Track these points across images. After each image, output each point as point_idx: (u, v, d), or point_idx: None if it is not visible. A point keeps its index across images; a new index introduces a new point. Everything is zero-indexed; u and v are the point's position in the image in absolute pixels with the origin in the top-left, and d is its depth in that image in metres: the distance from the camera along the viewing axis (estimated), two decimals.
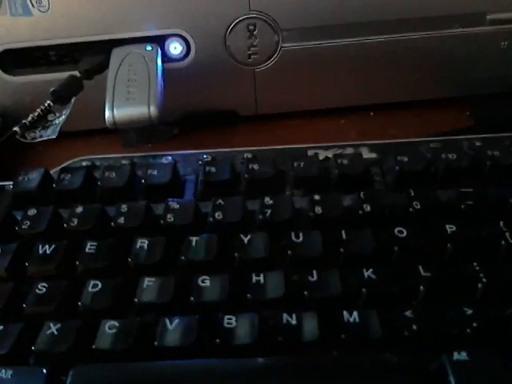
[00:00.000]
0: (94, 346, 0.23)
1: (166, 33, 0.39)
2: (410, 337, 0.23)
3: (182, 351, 0.23)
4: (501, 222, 0.27)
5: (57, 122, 0.34)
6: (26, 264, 0.27)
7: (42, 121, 0.34)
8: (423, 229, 0.27)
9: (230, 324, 0.23)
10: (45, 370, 0.22)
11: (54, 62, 0.39)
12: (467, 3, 0.40)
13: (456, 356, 0.22)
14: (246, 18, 0.39)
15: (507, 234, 0.26)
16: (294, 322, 0.23)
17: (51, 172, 0.32)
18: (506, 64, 0.42)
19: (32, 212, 0.29)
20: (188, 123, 0.42)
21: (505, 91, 0.43)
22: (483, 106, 0.43)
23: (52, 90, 0.35)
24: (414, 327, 0.23)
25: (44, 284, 0.26)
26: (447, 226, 0.27)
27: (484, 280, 0.24)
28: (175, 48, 0.39)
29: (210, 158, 0.33)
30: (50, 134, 0.33)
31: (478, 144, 0.32)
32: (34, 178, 0.31)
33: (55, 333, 0.24)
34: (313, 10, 0.39)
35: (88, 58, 0.38)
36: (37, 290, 0.25)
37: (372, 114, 0.43)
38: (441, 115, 0.43)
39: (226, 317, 0.24)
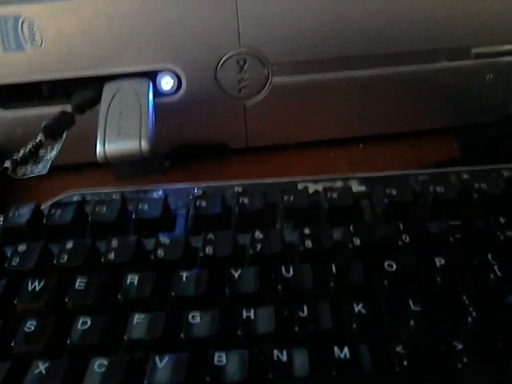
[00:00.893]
0: None
1: (157, 68, 0.39)
2: (401, 372, 0.23)
3: None
4: (489, 255, 0.27)
5: (48, 157, 0.34)
6: (15, 301, 0.26)
7: (34, 156, 0.34)
8: (412, 262, 0.27)
9: (221, 361, 0.23)
10: None
11: (47, 97, 0.40)
12: (452, 37, 0.40)
13: None
14: (236, 54, 0.39)
15: (495, 266, 0.26)
16: (284, 358, 0.23)
17: (42, 207, 0.32)
18: (491, 96, 0.43)
19: (22, 248, 0.29)
20: (180, 156, 0.42)
21: (491, 122, 0.44)
22: (470, 138, 0.43)
23: (44, 125, 0.36)
24: (405, 363, 0.23)
25: (32, 322, 0.25)
26: (436, 259, 0.27)
27: (474, 314, 0.24)
28: (167, 83, 0.40)
29: (200, 192, 0.33)
30: (41, 169, 0.34)
31: (465, 176, 0.32)
32: (24, 213, 0.31)
33: (43, 372, 0.23)
34: (302, 45, 0.40)
35: (80, 93, 0.38)
36: (25, 328, 0.25)
37: (361, 146, 0.44)
38: (429, 146, 0.43)
39: (217, 354, 0.23)
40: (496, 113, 0.44)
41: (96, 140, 0.35)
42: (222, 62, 0.39)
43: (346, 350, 0.23)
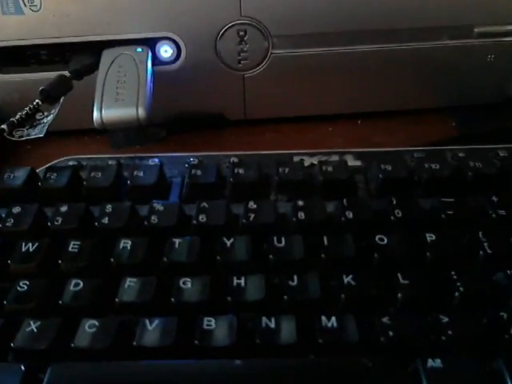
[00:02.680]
0: (72, 345, 0.23)
1: (157, 36, 0.39)
2: (386, 343, 0.23)
3: (160, 351, 0.23)
4: (480, 232, 0.27)
5: (45, 120, 0.34)
6: (9, 262, 0.27)
7: (30, 119, 0.34)
8: (403, 237, 0.27)
9: (210, 326, 0.24)
10: (23, 367, 0.22)
11: (44, 62, 0.39)
12: (455, 16, 0.40)
13: (430, 363, 0.22)
14: (237, 24, 0.39)
15: (485, 244, 0.26)
16: (272, 325, 0.23)
17: (37, 171, 0.32)
18: (492, 76, 0.43)
19: (16, 210, 0.29)
20: (177, 126, 0.42)
21: (490, 103, 0.44)
22: (469, 117, 0.43)
23: (41, 89, 0.35)
24: (391, 333, 0.23)
25: (25, 282, 0.26)
26: (427, 235, 0.27)
27: (461, 289, 0.25)
28: (166, 51, 0.39)
29: (196, 161, 0.33)
30: (38, 132, 0.34)
31: (461, 155, 0.32)
32: (19, 176, 0.31)
33: (35, 330, 0.24)
34: (303, 18, 0.39)
35: (78, 59, 0.38)
36: (18, 288, 0.25)
37: (359, 122, 0.44)
38: (428, 125, 0.43)
39: (206, 319, 0.24)
40: (496, 95, 0.44)
41: (93, 106, 0.35)
42: (222, 32, 0.39)
43: (333, 319, 0.24)
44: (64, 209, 0.29)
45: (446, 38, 0.41)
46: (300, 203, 0.29)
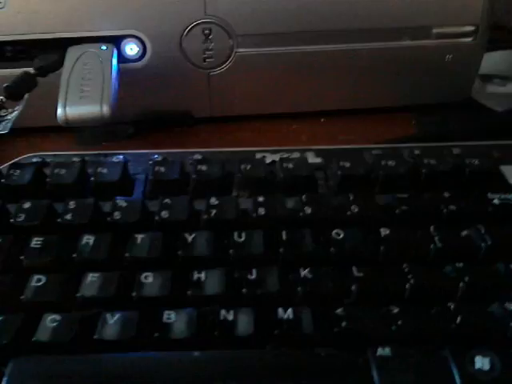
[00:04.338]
0: (34, 338, 0.23)
1: (122, 33, 0.39)
2: (339, 333, 0.24)
3: (121, 344, 0.23)
4: (431, 227, 0.28)
5: (9, 117, 0.34)
6: None
7: None
8: (359, 231, 0.28)
9: (169, 319, 0.24)
10: None
11: (9, 58, 0.39)
12: (415, 17, 0.41)
13: (380, 351, 0.23)
14: (202, 22, 0.39)
15: (436, 238, 0.28)
16: (230, 317, 0.24)
17: (0, 168, 0.32)
18: (450, 76, 0.44)
19: None
20: (143, 123, 0.43)
21: (449, 102, 0.45)
22: (428, 117, 0.45)
23: (5, 85, 0.36)
24: (344, 324, 0.24)
25: None
26: (382, 230, 0.28)
27: (412, 281, 0.26)
28: (131, 49, 0.40)
29: (160, 158, 0.33)
30: (2, 129, 0.34)
31: (417, 152, 0.34)
32: None
33: None
34: (268, 17, 0.40)
35: (43, 56, 0.38)
36: None
37: (323, 120, 0.45)
38: (389, 124, 0.44)
39: (166, 312, 0.24)
40: (455, 94, 0.45)
41: (57, 103, 0.35)
42: (187, 31, 0.40)
43: (289, 311, 0.25)
44: (27, 205, 0.29)
45: (406, 38, 0.42)
46: (260, 199, 0.30)
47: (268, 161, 0.33)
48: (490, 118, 0.45)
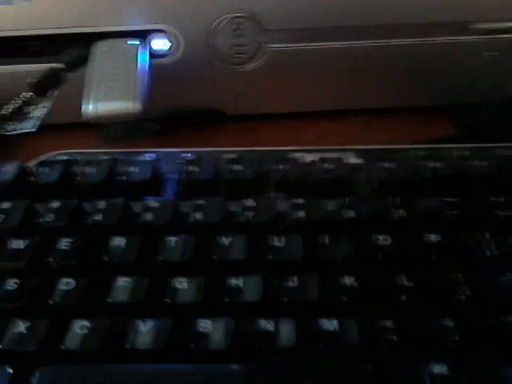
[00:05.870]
0: (62, 347, 0.22)
1: (150, 28, 0.38)
2: (388, 347, 0.22)
3: (154, 354, 0.22)
4: (486, 234, 0.26)
5: (38, 114, 0.33)
6: None
7: (22, 113, 0.33)
8: (406, 237, 0.26)
9: (205, 328, 0.23)
10: (10, 370, 0.22)
11: (35, 53, 0.38)
12: (452, 12, 0.39)
13: (435, 368, 0.21)
14: (232, 17, 0.38)
15: (491, 245, 0.26)
16: (270, 327, 0.23)
17: (29, 165, 0.31)
18: (489, 74, 0.42)
19: (6, 205, 0.28)
20: (170, 120, 0.41)
21: (488, 101, 0.43)
22: (466, 116, 0.43)
23: (33, 81, 0.34)
24: (394, 338, 0.22)
25: (15, 280, 0.25)
26: (431, 235, 0.26)
27: (466, 292, 0.24)
28: (159, 44, 0.38)
29: (192, 157, 0.32)
30: (30, 127, 0.33)
31: (461, 154, 0.32)
32: (9, 170, 0.30)
33: (24, 331, 0.23)
34: (299, 12, 0.39)
35: (70, 51, 0.37)
36: (7, 287, 0.25)
37: (354, 118, 0.43)
38: (425, 123, 0.42)
39: (201, 321, 0.23)
40: (493, 93, 0.43)
41: (83, 98, 0.33)
42: (216, 26, 0.38)
43: (333, 322, 0.23)
44: (55, 205, 0.28)
45: (444, 35, 0.40)
46: (298, 201, 0.28)
47: (305, 161, 0.32)
48: None
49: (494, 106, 0.43)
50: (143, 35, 0.38)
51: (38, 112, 0.34)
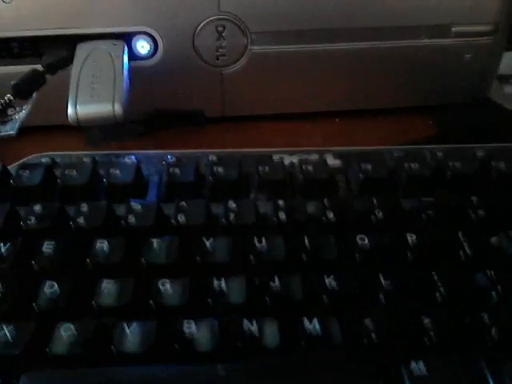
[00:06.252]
0: (47, 350, 0.22)
1: (133, 30, 0.38)
2: (369, 345, 0.23)
3: (139, 357, 0.22)
4: (459, 233, 0.27)
5: (16, 117, 0.33)
6: None
7: (2, 115, 0.33)
8: (385, 237, 0.27)
9: (190, 329, 0.23)
10: None
11: (16, 55, 0.38)
12: (434, 15, 0.40)
13: (413, 365, 0.22)
14: (216, 19, 0.38)
15: (466, 244, 0.26)
16: (254, 328, 0.23)
17: (9, 168, 0.31)
18: (468, 76, 0.43)
19: None
20: (153, 122, 0.42)
21: (467, 102, 0.44)
22: (446, 116, 0.44)
23: (13, 83, 0.34)
24: (374, 335, 0.23)
25: None
26: (408, 235, 0.27)
27: (442, 290, 0.25)
28: (142, 46, 0.39)
29: (174, 159, 0.32)
30: (9, 130, 0.32)
31: (439, 154, 0.32)
32: None
33: (8, 334, 0.23)
34: (283, 14, 0.39)
35: (52, 52, 0.37)
36: None
37: (337, 120, 0.43)
38: (404, 124, 0.43)
39: (186, 322, 0.23)
40: (473, 94, 0.44)
41: (67, 101, 0.34)
42: (200, 28, 0.38)
43: (315, 322, 0.23)
44: (38, 208, 0.28)
45: (424, 37, 0.41)
46: (280, 203, 0.28)
47: (286, 162, 0.32)
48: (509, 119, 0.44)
49: (473, 107, 0.44)
50: (127, 37, 0.38)
51: (17, 115, 0.34)
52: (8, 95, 0.34)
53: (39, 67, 0.36)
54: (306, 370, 0.22)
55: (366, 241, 0.27)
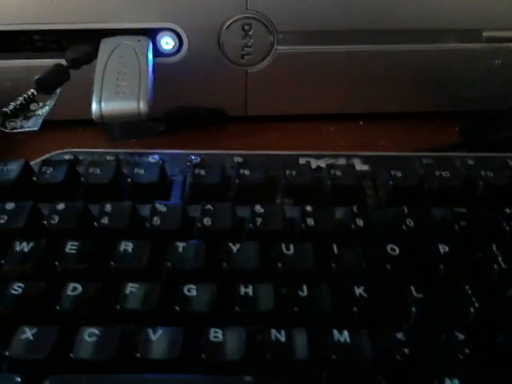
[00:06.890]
0: (71, 355, 0.22)
1: (158, 26, 0.37)
2: (401, 360, 0.22)
3: (165, 365, 0.22)
4: (493, 246, 0.26)
5: (40, 112, 0.32)
6: (2, 262, 0.25)
7: (25, 110, 0.33)
8: (416, 247, 0.26)
9: (217, 338, 0.22)
10: (19, 378, 0.21)
11: (40, 49, 0.38)
12: (465, 19, 0.39)
13: (447, 383, 0.21)
14: (242, 18, 0.38)
15: (500, 258, 0.26)
16: (283, 338, 0.22)
17: (32, 164, 0.30)
18: (498, 83, 0.42)
19: (10, 206, 0.27)
20: (175, 120, 0.41)
21: (495, 110, 0.43)
22: (472, 123, 0.43)
23: (37, 78, 0.34)
24: (406, 350, 0.22)
25: (20, 285, 0.24)
26: (440, 246, 0.26)
27: (476, 304, 0.24)
28: (167, 43, 0.38)
29: (199, 160, 0.31)
30: (32, 125, 0.32)
31: (470, 162, 0.32)
32: (13, 169, 0.29)
33: (31, 338, 0.22)
34: (310, 14, 0.38)
35: (76, 47, 0.37)
36: (12, 291, 0.24)
37: (361, 123, 0.43)
38: (429, 129, 0.42)
39: (213, 330, 0.23)
40: (501, 101, 0.43)
41: (92, 98, 0.33)
42: (226, 26, 0.38)
43: (345, 334, 0.23)
44: (61, 207, 0.27)
45: (454, 41, 0.40)
46: (308, 208, 0.28)
47: (313, 166, 0.31)
48: None
49: (501, 115, 0.43)
50: (152, 33, 0.38)
51: (41, 110, 0.33)
52: (31, 90, 0.33)
53: (63, 62, 0.36)
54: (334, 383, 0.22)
55: (397, 251, 0.26)
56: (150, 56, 0.36)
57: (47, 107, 0.33)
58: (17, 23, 0.36)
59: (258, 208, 0.28)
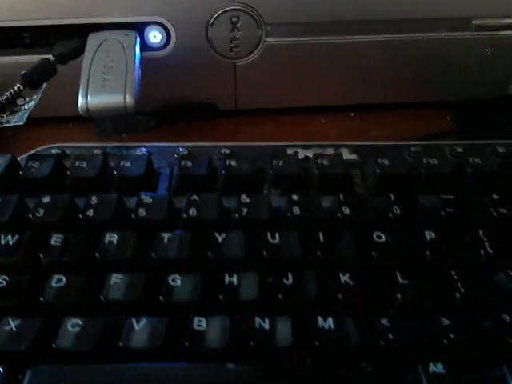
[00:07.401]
0: (54, 345, 0.22)
1: (145, 20, 0.37)
2: (385, 346, 0.22)
3: (148, 353, 0.22)
4: (480, 231, 0.26)
5: (26, 107, 0.32)
6: None
7: (11, 105, 0.33)
8: (402, 234, 0.26)
9: (201, 326, 0.22)
10: (1, 369, 0.21)
11: (27, 44, 0.38)
12: (454, 7, 0.39)
13: (432, 368, 0.21)
14: (230, 10, 0.37)
15: (486, 243, 0.26)
16: (266, 326, 0.22)
17: (18, 159, 0.30)
18: (488, 71, 0.42)
19: None
20: (165, 114, 0.41)
21: (486, 98, 0.43)
22: (464, 112, 0.42)
23: (23, 73, 0.34)
24: (390, 336, 0.22)
25: (4, 277, 0.24)
26: (427, 233, 0.26)
27: (462, 290, 0.24)
28: (155, 36, 0.38)
29: (186, 152, 0.31)
30: (18, 120, 0.32)
31: (459, 150, 0.32)
32: None
33: (14, 329, 0.22)
34: (298, 6, 0.38)
35: (63, 42, 0.37)
36: None
37: (353, 114, 0.42)
38: (422, 119, 0.42)
39: (196, 319, 0.23)
40: (493, 90, 0.43)
41: (78, 92, 0.33)
42: (214, 18, 0.38)
43: (330, 321, 0.23)
44: (47, 200, 0.27)
45: (444, 30, 0.40)
46: (295, 197, 0.28)
47: (301, 156, 0.31)
48: None
49: (493, 104, 0.43)
50: (139, 27, 0.37)
51: (27, 105, 0.33)
52: (18, 85, 0.33)
53: (50, 57, 0.36)
54: (320, 371, 0.22)
55: (384, 238, 0.26)
56: (138, 50, 0.36)
57: (33, 102, 0.33)
58: (5, 19, 0.36)
59: (244, 198, 0.28)
